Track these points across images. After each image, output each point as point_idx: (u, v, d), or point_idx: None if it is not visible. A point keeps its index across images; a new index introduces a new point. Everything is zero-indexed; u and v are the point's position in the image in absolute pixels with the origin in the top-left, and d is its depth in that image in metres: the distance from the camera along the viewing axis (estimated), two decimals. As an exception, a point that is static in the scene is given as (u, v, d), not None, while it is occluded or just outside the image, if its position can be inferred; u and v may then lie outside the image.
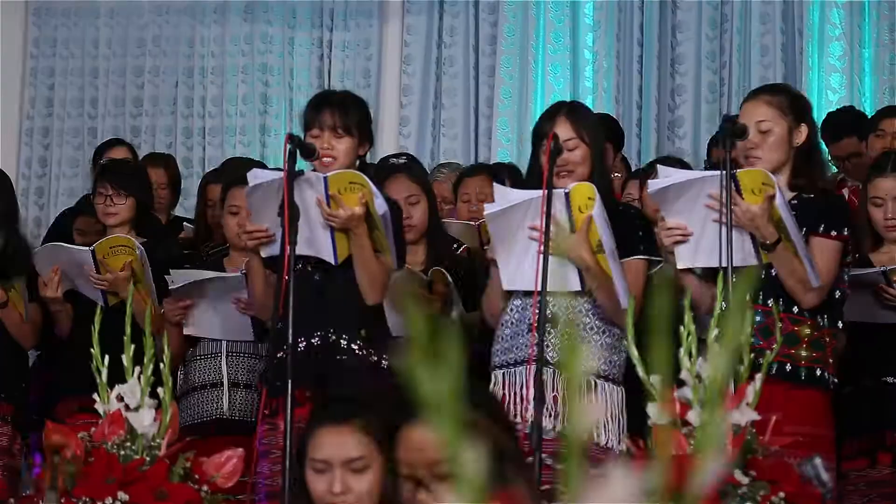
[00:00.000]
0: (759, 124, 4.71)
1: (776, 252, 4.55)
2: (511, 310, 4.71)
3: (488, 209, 4.59)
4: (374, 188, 4.64)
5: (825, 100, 8.15)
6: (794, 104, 4.78)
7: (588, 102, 8.63)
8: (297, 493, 3.36)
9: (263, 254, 4.78)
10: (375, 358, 4.78)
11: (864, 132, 6.79)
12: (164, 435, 3.95)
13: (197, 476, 3.94)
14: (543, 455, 4.55)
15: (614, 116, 8.37)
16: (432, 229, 5.56)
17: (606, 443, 4.61)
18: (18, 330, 5.87)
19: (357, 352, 4.76)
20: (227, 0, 9.18)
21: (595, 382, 4.66)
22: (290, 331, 4.35)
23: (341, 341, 4.76)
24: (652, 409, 3.88)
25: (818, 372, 4.66)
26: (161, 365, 3.98)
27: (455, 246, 5.64)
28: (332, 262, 4.74)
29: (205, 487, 3.93)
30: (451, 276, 5.29)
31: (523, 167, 8.04)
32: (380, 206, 4.65)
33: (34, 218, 9.04)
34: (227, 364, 5.62)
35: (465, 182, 6.40)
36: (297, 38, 9.14)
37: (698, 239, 4.55)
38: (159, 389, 3.97)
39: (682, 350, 3.84)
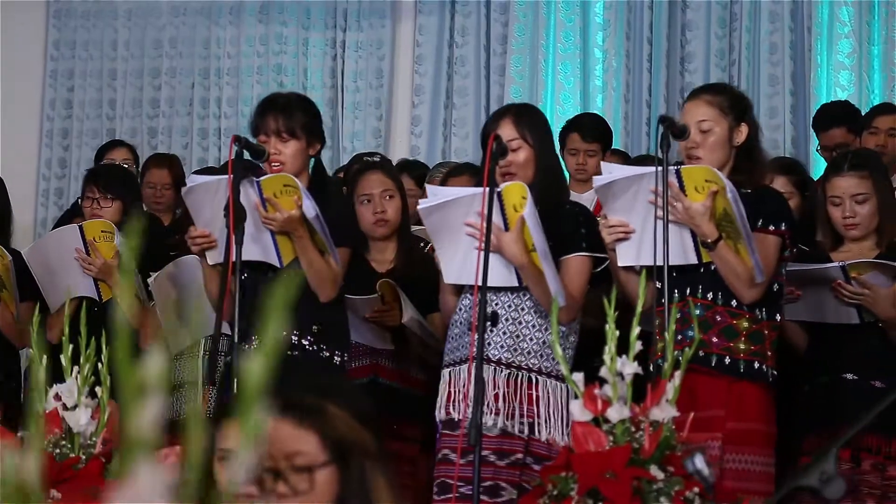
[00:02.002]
0: (700, 124, 4.74)
1: (717, 250, 4.57)
2: (460, 309, 4.76)
3: (421, 204, 4.65)
4: (304, 191, 4.69)
5: (834, 97, 8.12)
6: (734, 104, 4.80)
7: (598, 101, 8.69)
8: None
9: (210, 260, 4.85)
10: (328, 354, 4.84)
11: (853, 124, 6.79)
12: (101, 434, 4.04)
13: (132, 473, 4.01)
14: (485, 452, 4.62)
15: (617, 115, 8.45)
16: (403, 228, 5.62)
17: (550, 438, 4.65)
18: (10, 329, 5.98)
19: (308, 347, 4.82)
20: (242, 1, 9.28)
21: (536, 379, 4.69)
22: (236, 329, 4.43)
23: (293, 337, 4.82)
24: (574, 407, 3.94)
25: (756, 365, 4.66)
26: (100, 365, 4.07)
27: (422, 245, 5.70)
28: (278, 265, 4.80)
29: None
30: (423, 274, 5.32)
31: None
32: (309, 208, 4.70)
33: (53, 218, 9.18)
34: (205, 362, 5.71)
35: (450, 182, 6.45)
36: (311, 38, 9.24)
37: (640, 236, 4.58)
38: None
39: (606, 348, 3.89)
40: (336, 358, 4.85)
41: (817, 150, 7.45)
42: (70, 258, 5.80)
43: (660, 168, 4.42)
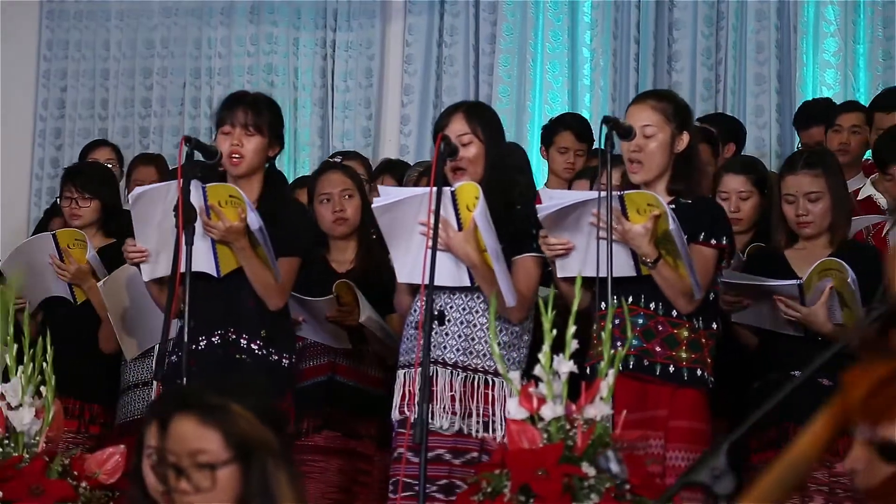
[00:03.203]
0: (644, 128, 4.80)
1: (657, 268, 4.67)
2: (415, 310, 4.79)
3: (375, 203, 4.69)
4: (248, 203, 4.72)
5: (820, 95, 8.11)
6: (678, 112, 4.87)
7: (586, 100, 8.71)
8: (133, 481, 3.45)
9: (144, 276, 4.89)
10: (276, 357, 4.89)
11: (831, 122, 6.81)
12: (45, 433, 4.09)
13: (76, 473, 4.06)
14: (440, 451, 4.66)
15: (604, 114, 8.45)
16: (364, 228, 5.65)
17: (504, 437, 4.68)
18: None
19: (257, 351, 4.86)
20: (233, 2, 9.33)
21: (493, 381, 4.73)
22: (186, 330, 4.47)
23: (242, 341, 4.87)
24: (510, 405, 3.97)
25: (699, 372, 4.79)
26: (44, 364, 4.12)
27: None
28: (215, 274, 4.84)
29: (83, 484, 4.05)
30: (382, 275, 5.36)
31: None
32: (253, 220, 4.73)
33: (46, 218, 9.26)
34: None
35: (423, 181, 6.48)
36: (301, 38, 9.28)
37: (585, 255, 4.63)
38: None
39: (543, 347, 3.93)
40: (284, 361, 4.90)
41: (798, 147, 7.49)
42: (45, 264, 5.88)
43: (603, 171, 4.46)
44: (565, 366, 3.91)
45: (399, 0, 9.15)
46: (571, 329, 3.92)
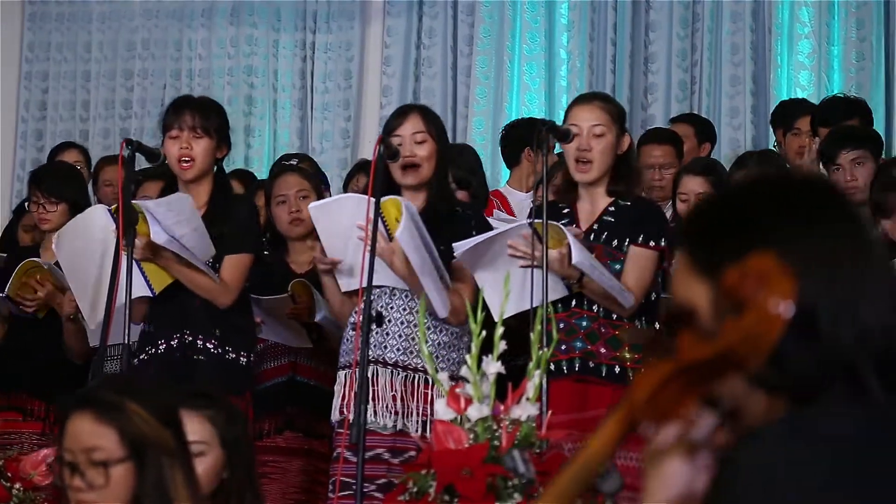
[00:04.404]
0: (594, 128, 4.84)
1: (584, 286, 4.71)
2: (355, 311, 4.83)
3: (311, 206, 4.74)
4: (150, 217, 4.77)
5: (794, 97, 8.14)
6: (621, 115, 4.97)
7: (563, 101, 8.72)
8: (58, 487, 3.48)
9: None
10: (233, 355, 4.94)
11: (789, 125, 6.84)
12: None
13: (10, 474, 4.10)
14: (379, 450, 4.70)
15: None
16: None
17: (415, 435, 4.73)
18: None
19: (212, 350, 4.91)
20: (213, 3, 9.38)
21: (433, 380, 4.76)
22: (127, 337, 4.52)
23: (198, 342, 4.92)
24: (438, 405, 4.01)
25: None
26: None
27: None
28: (150, 294, 4.88)
29: (17, 485, 4.08)
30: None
31: (496, 165, 8.20)
32: (158, 234, 4.76)
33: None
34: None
35: (361, 181, 6.51)
36: (281, 40, 9.32)
37: (520, 290, 4.63)
38: None
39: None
40: (242, 359, 4.95)
41: (773, 147, 7.52)
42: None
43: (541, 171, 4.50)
44: (493, 367, 3.95)
45: (378, 2, 9.19)
46: (500, 330, 3.96)
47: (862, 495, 1.48)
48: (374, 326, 4.48)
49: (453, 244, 4.66)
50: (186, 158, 4.94)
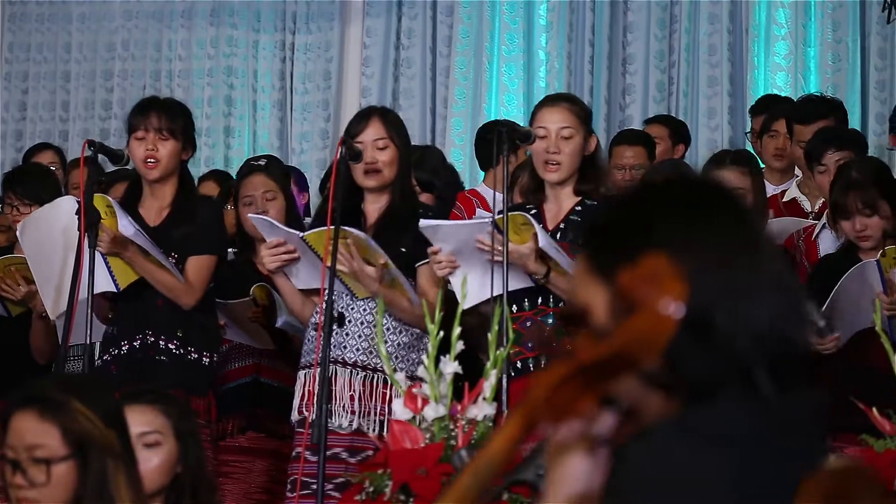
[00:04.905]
0: (563, 130, 4.85)
1: (550, 281, 4.71)
2: (317, 312, 4.85)
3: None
4: (119, 210, 4.78)
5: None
6: (588, 116, 4.99)
7: (541, 102, 8.76)
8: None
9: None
10: (195, 356, 4.96)
11: (767, 127, 6.85)
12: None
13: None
14: (337, 449, 4.72)
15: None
16: (287, 230, 5.70)
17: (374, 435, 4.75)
18: None
19: (174, 351, 4.93)
20: (193, 3, 9.40)
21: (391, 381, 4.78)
22: (89, 337, 4.54)
23: (160, 342, 4.94)
24: (396, 405, 4.03)
25: None
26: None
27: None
28: (114, 289, 4.90)
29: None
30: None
31: (475, 166, 8.21)
32: (126, 226, 4.78)
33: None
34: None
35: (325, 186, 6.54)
36: (261, 41, 9.34)
37: (482, 280, 4.64)
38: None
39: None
40: (205, 359, 4.97)
41: (745, 135, 7.57)
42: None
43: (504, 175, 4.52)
44: (450, 367, 3.98)
45: (357, 2, 9.21)
46: (457, 330, 3.99)
47: (747, 494, 1.50)
48: (335, 327, 4.49)
49: (420, 221, 4.69)
50: (152, 160, 4.96)
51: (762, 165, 6.87)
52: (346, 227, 4.61)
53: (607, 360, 1.55)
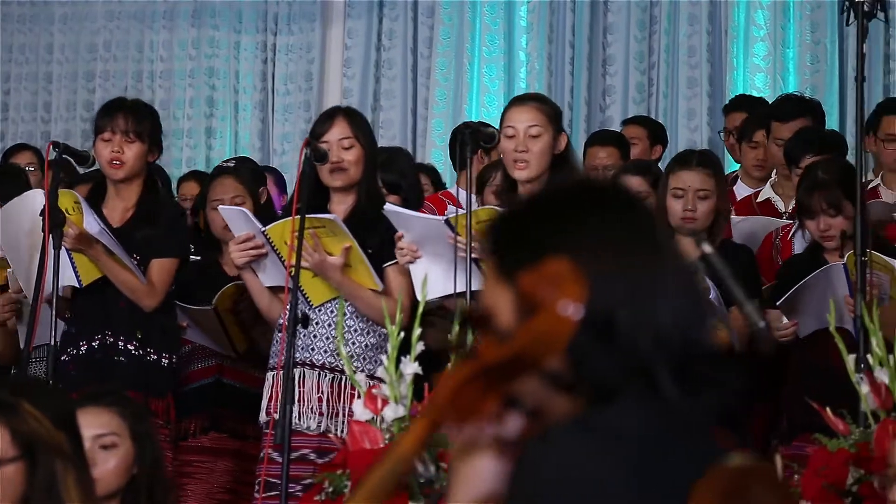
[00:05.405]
0: (530, 129, 4.85)
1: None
2: (285, 312, 4.85)
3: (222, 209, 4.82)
4: (84, 208, 4.79)
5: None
6: (557, 115, 5.00)
7: (522, 103, 8.78)
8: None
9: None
10: (154, 357, 4.97)
11: (748, 136, 6.85)
12: None
13: None
14: (305, 451, 4.73)
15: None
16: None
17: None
18: None
19: (133, 352, 4.95)
20: (175, 4, 9.41)
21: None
22: (53, 338, 4.55)
23: (119, 343, 4.95)
24: (356, 406, 4.05)
25: None
26: None
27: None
28: (77, 285, 4.91)
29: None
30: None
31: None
32: (91, 223, 4.79)
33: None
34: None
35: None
36: (242, 42, 9.36)
37: (447, 272, 4.65)
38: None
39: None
40: (164, 361, 4.98)
41: (719, 133, 7.59)
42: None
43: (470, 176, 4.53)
44: (410, 367, 3.99)
45: (338, 3, 9.23)
46: (417, 331, 4.00)
47: (642, 494, 1.51)
48: (300, 328, 4.51)
49: (386, 205, 4.70)
50: (117, 161, 4.97)
51: (737, 166, 6.92)
52: (313, 215, 4.64)
53: (509, 361, 1.56)
